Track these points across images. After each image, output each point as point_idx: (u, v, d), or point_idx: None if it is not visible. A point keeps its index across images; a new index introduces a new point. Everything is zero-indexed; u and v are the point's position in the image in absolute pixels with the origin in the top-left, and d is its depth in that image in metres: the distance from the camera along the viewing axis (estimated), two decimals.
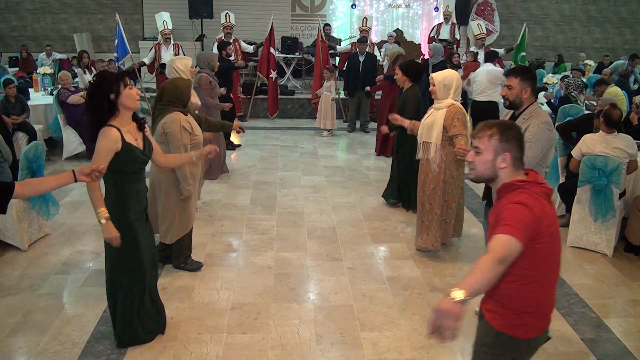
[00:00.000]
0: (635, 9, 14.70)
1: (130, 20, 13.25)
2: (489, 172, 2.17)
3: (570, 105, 7.45)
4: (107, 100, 3.01)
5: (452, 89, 4.43)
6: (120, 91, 3.02)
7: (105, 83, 3.01)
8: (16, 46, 12.62)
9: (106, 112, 3.03)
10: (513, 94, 3.34)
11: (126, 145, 3.04)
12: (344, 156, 8.19)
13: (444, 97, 4.45)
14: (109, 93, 3.00)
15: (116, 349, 3.38)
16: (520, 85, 3.30)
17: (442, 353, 3.48)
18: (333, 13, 13.72)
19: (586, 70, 11.27)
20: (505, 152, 2.13)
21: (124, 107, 3.06)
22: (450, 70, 4.61)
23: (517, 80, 3.31)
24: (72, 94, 7.38)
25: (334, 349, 3.48)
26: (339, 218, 5.69)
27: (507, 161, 2.13)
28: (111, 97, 3.01)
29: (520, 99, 3.33)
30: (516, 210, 2.00)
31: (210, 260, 4.66)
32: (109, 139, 2.99)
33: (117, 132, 3.02)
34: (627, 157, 4.79)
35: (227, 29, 9.63)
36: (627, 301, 4.19)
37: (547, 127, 3.24)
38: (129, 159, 3.08)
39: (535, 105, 3.35)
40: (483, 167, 2.17)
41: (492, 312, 2.22)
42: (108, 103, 3.01)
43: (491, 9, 13.62)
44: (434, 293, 4.21)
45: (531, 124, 3.25)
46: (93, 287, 4.15)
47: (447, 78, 4.43)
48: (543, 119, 3.25)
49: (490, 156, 2.14)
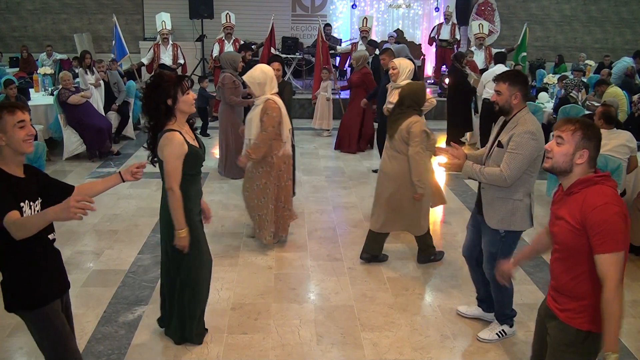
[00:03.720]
0: (635, 9, 14.69)
1: (130, 21, 13.26)
2: (566, 165, 2.22)
3: (570, 106, 7.45)
4: (164, 105, 2.99)
5: (266, 85, 4.45)
6: (177, 98, 3.01)
7: (163, 87, 2.99)
8: (17, 46, 12.63)
9: (163, 116, 3.01)
10: (502, 99, 3.22)
11: (191, 147, 3.04)
12: (344, 156, 8.18)
13: (261, 94, 4.48)
14: (166, 98, 2.99)
15: (117, 350, 3.39)
16: (509, 91, 3.18)
17: (442, 353, 3.48)
18: (333, 13, 13.73)
19: (586, 70, 11.25)
20: (585, 149, 2.19)
21: (180, 111, 3.04)
22: (264, 66, 4.66)
23: (505, 85, 3.19)
24: (73, 94, 7.38)
25: (335, 349, 3.48)
26: (340, 218, 5.69)
27: (584, 158, 2.20)
28: (168, 103, 2.99)
29: (509, 104, 3.21)
30: (611, 218, 2.09)
31: None
32: (175, 144, 2.98)
33: (180, 136, 3.00)
34: (628, 153, 4.80)
35: (227, 30, 9.65)
36: (627, 301, 4.19)
37: (532, 137, 3.10)
38: (194, 160, 3.08)
39: (524, 112, 3.21)
40: (562, 158, 2.22)
41: (567, 312, 2.27)
42: (165, 107, 3.00)
43: (492, 9, 13.62)
44: (434, 293, 4.21)
45: (515, 133, 3.13)
46: (93, 287, 4.15)
47: (258, 76, 4.44)
48: (527, 128, 3.11)
49: (572, 149, 2.20)
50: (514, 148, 3.11)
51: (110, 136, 7.89)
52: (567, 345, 2.27)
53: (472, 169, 3.25)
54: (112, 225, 5.35)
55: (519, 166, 3.11)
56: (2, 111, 2.32)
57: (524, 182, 3.22)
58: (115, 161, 7.59)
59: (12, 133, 2.31)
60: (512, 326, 3.63)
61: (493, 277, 3.42)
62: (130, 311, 3.82)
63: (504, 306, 3.57)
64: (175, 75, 3.13)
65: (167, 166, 2.99)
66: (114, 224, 5.38)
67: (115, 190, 6.28)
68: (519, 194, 3.23)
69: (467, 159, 3.36)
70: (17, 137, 2.32)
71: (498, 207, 3.29)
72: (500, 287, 3.42)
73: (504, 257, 3.34)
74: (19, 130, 2.33)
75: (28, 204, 2.36)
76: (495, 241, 3.36)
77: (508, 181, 3.13)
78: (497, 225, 3.30)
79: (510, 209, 3.26)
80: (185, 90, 3.03)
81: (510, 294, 3.54)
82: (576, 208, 2.15)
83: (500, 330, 3.61)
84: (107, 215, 5.62)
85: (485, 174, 3.20)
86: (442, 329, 3.71)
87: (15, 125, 2.32)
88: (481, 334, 3.64)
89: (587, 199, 2.14)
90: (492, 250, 3.39)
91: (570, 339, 2.26)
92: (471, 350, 3.51)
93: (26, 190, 2.38)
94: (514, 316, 3.64)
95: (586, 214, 2.11)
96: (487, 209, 3.34)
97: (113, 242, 4.99)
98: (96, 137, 7.50)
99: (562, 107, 7.47)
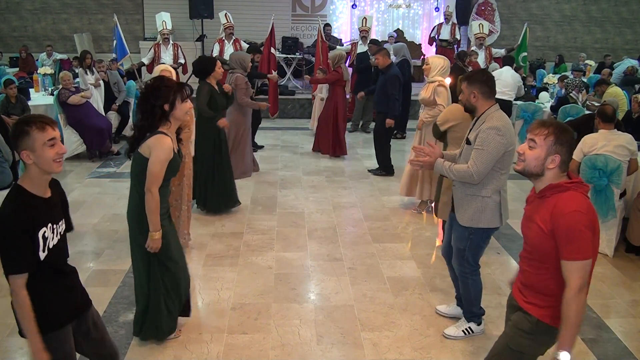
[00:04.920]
0: (635, 9, 14.69)
1: (131, 21, 13.25)
2: (537, 169, 2.25)
3: (570, 106, 7.45)
4: (160, 109, 2.99)
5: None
6: (175, 104, 3.00)
7: (163, 91, 2.98)
8: (17, 46, 12.61)
9: (157, 120, 3.01)
10: (463, 97, 3.31)
11: (175, 155, 3.07)
12: (344, 156, 8.17)
13: None
14: (164, 102, 2.98)
15: None
16: (467, 89, 3.25)
17: (443, 353, 3.48)
18: (333, 13, 13.72)
19: (587, 70, 11.26)
20: (557, 154, 2.21)
21: (175, 118, 3.05)
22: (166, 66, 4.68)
23: (464, 84, 3.28)
24: (73, 94, 7.38)
25: (335, 349, 3.48)
26: (340, 218, 5.69)
27: (555, 162, 2.21)
28: (165, 108, 2.99)
29: (470, 102, 3.27)
30: (579, 225, 2.11)
31: (211, 260, 4.66)
32: (166, 148, 2.99)
33: (170, 141, 3.02)
34: (628, 155, 4.79)
35: (228, 30, 9.64)
36: (627, 301, 4.19)
37: (497, 133, 3.11)
38: (173, 168, 3.10)
39: (492, 109, 3.23)
40: (534, 162, 2.24)
41: (533, 305, 2.31)
42: (161, 111, 2.99)
43: (492, 9, 13.62)
44: (434, 293, 4.21)
45: (481, 129, 3.17)
46: (94, 287, 4.15)
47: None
48: (493, 124, 3.12)
49: (543, 154, 2.22)
50: (480, 144, 3.14)
51: (110, 136, 7.89)
52: (524, 332, 2.33)
53: (443, 166, 3.29)
54: (112, 225, 5.35)
55: (486, 162, 3.13)
56: (31, 127, 2.13)
57: (492, 179, 3.23)
58: (115, 161, 7.60)
59: (41, 152, 2.13)
60: (480, 324, 3.65)
61: (461, 273, 3.48)
62: (130, 311, 3.81)
63: (472, 304, 3.58)
64: (177, 81, 3.13)
65: (153, 168, 2.98)
66: (114, 224, 5.38)
67: (115, 190, 6.28)
68: (487, 190, 3.25)
69: (444, 157, 3.40)
70: (47, 157, 2.14)
71: (467, 204, 3.31)
72: (468, 285, 3.50)
73: (472, 255, 3.41)
74: (49, 149, 2.15)
75: (51, 228, 2.23)
76: (464, 238, 3.39)
77: (475, 177, 3.16)
78: (468, 223, 3.33)
79: (479, 206, 3.28)
80: (185, 98, 3.03)
81: (478, 292, 3.55)
82: (547, 213, 2.19)
83: (467, 327, 3.63)
84: (107, 215, 5.62)
85: (454, 171, 3.24)
86: (442, 329, 3.71)
87: (46, 144, 2.14)
88: (447, 330, 3.66)
89: (557, 205, 2.16)
90: (460, 246, 3.43)
91: (529, 326, 2.31)
92: (471, 350, 3.50)
93: (50, 212, 2.25)
94: (482, 314, 3.67)
95: (555, 220, 2.15)
96: (458, 206, 3.38)
97: (113, 242, 4.99)
98: (96, 137, 7.50)
99: (562, 107, 7.47)
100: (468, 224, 3.32)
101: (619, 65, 10.79)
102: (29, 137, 2.13)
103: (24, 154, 2.15)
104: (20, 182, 2.22)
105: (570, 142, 2.24)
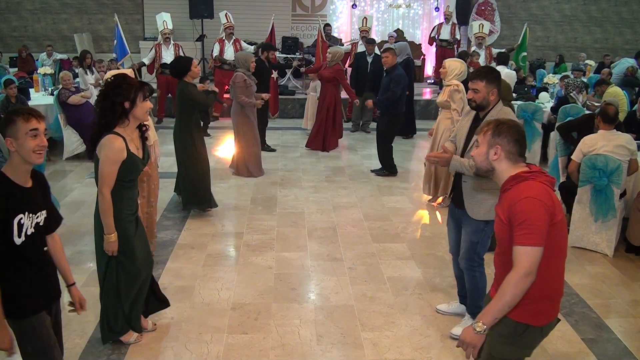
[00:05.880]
0: (635, 9, 14.68)
1: (131, 21, 13.25)
2: (486, 165, 2.33)
3: (570, 106, 7.44)
4: (121, 106, 2.95)
5: None
6: (136, 102, 2.97)
7: (124, 88, 2.95)
8: (17, 46, 12.59)
9: (116, 118, 2.98)
10: (480, 96, 3.31)
11: (131, 155, 3.01)
12: (344, 156, 8.18)
13: None
14: (124, 100, 2.95)
15: (117, 350, 3.38)
16: (486, 88, 3.28)
17: (442, 353, 3.48)
18: (333, 13, 13.72)
19: (587, 70, 11.25)
20: (497, 145, 2.28)
21: (134, 117, 3.01)
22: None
23: (482, 83, 3.28)
24: (73, 94, 7.39)
25: (335, 349, 3.48)
26: (340, 218, 5.69)
27: (498, 153, 2.28)
28: (126, 105, 2.96)
29: (487, 100, 3.31)
30: (532, 212, 2.11)
31: (211, 260, 4.66)
32: (114, 149, 2.94)
33: (122, 141, 2.97)
34: (628, 155, 4.80)
35: (229, 30, 9.64)
36: (627, 301, 4.19)
37: None
38: (130, 169, 3.05)
39: (500, 105, 3.32)
40: (480, 158, 2.35)
41: None
42: (121, 109, 2.96)
43: (492, 9, 13.62)
44: (434, 293, 4.21)
45: None
46: (94, 287, 4.14)
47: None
48: (512, 118, 3.17)
49: (485, 149, 2.32)
50: None
51: None
52: (504, 337, 2.30)
53: (461, 162, 3.29)
54: None
55: None
56: (18, 117, 2.27)
57: None
58: None
59: (23, 141, 2.25)
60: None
61: (469, 267, 3.49)
62: None
63: (479, 297, 3.54)
64: (139, 80, 3.12)
65: (101, 168, 2.96)
66: None
67: None
68: None
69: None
70: (27, 146, 2.26)
71: (484, 200, 3.31)
72: (476, 277, 3.50)
73: (483, 247, 3.45)
74: (30, 139, 2.26)
75: (28, 216, 2.32)
76: (479, 230, 3.41)
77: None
78: (485, 217, 3.34)
79: (496, 200, 3.28)
80: (146, 97, 3.01)
81: (485, 285, 3.53)
82: (506, 203, 2.22)
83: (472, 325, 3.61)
84: None
85: (471, 167, 3.25)
86: (442, 329, 3.71)
87: (28, 133, 2.26)
88: (454, 330, 3.61)
89: (514, 193, 2.20)
90: (475, 239, 3.44)
91: (508, 330, 2.29)
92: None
93: (29, 201, 2.34)
94: None
95: (511, 208, 2.17)
96: (471, 202, 3.38)
97: None
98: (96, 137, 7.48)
99: (562, 107, 7.46)
100: (485, 217, 3.34)
101: (617, 65, 10.79)
102: (14, 125, 2.26)
103: (8, 141, 2.28)
104: (3, 169, 2.32)
105: (511, 132, 2.28)
